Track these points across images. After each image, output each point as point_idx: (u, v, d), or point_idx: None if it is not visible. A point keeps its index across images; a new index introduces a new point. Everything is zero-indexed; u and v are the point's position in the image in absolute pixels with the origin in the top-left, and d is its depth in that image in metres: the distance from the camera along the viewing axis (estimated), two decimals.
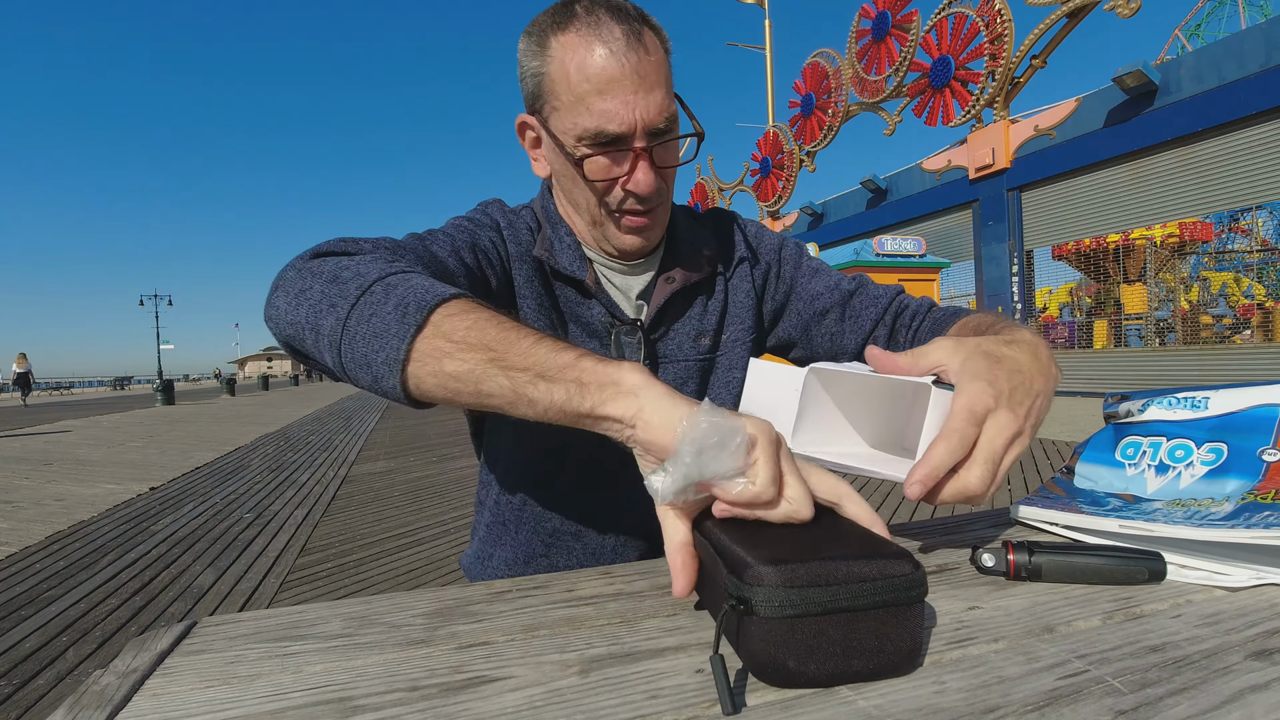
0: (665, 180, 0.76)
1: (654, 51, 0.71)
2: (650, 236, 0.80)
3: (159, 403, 18.79)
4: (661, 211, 0.79)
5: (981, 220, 12.02)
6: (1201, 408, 0.60)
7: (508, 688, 0.36)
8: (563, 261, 0.81)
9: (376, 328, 0.49)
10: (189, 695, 0.38)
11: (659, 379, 0.46)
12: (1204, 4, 26.29)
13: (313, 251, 0.58)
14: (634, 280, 0.86)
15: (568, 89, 0.70)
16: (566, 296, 0.83)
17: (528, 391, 0.46)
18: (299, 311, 0.53)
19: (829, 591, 0.35)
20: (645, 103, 0.69)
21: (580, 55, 0.69)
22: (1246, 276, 15.09)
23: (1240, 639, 0.38)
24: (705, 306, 0.88)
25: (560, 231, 0.84)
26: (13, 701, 2.05)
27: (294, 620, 0.49)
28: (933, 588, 0.49)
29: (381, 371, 0.49)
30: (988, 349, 0.54)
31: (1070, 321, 14.16)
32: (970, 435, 0.49)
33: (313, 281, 0.54)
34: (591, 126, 0.69)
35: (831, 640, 0.35)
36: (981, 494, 0.48)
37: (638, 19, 0.71)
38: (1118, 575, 0.47)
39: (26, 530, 4.26)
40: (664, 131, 0.72)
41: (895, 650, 0.35)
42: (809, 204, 16.64)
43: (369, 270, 0.53)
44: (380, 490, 5.36)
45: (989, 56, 10.82)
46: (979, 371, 0.51)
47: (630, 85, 0.69)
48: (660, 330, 0.85)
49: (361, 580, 3.13)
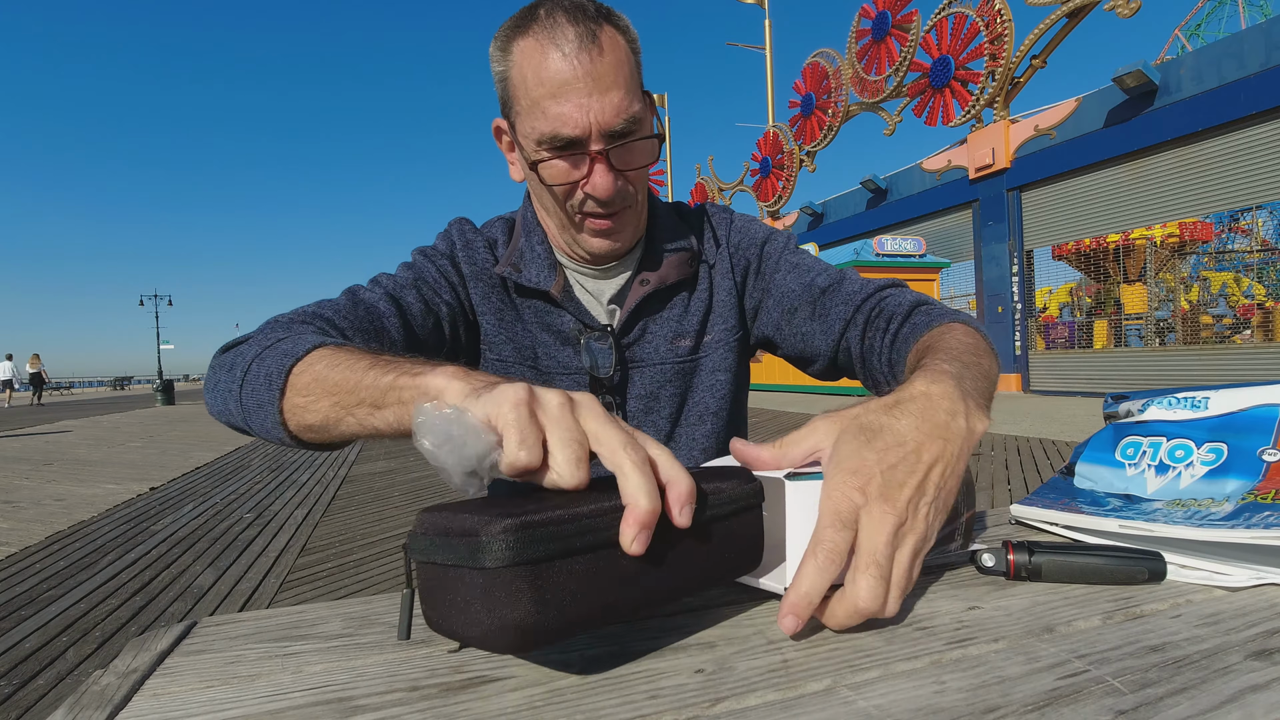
0: (630, 182, 0.75)
1: (612, 51, 0.69)
2: (619, 239, 0.79)
3: (159, 403, 18.80)
4: (630, 214, 0.78)
5: (981, 220, 12.02)
6: (1201, 408, 0.60)
7: (508, 688, 0.36)
8: (529, 273, 0.82)
9: (259, 399, 0.56)
10: (189, 695, 0.38)
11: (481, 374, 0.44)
12: (1204, 4, 26.30)
13: (221, 347, 0.66)
14: (606, 285, 0.85)
15: (525, 93, 0.70)
16: (536, 307, 0.83)
17: (371, 422, 0.49)
18: (216, 401, 0.63)
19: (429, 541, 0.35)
20: (600, 105, 0.68)
21: (536, 59, 0.68)
22: (1246, 276, 15.10)
23: (1240, 639, 0.38)
24: (686, 307, 0.86)
25: (534, 240, 0.84)
26: (13, 701, 2.05)
27: (294, 620, 0.49)
28: (933, 588, 0.49)
29: (276, 435, 0.56)
30: (866, 421, 0.46)
31: (1070, 321, 14.16)
32: (841, 543, 0.40)
33: (218, 374, 0.63)
34: (547, 130, 0.69)
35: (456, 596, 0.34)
36: (879, 608, 0.40)
37: (596, 18, 0.69)
38: (1118, 575, 0.47)
39: (26, 530, 4.26)
40: (623, 133, 0.70)
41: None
42: (809, 204, 16.64)
43: (249, 351, 0.60)
44: (380, 490, 5.36)
45: (989, 56, 10.82)
46: (845, 458, 0.43)
47: (584, 88, 0.67)
48: (634, 334, 0.84)
49: (361, 580, 3.13)
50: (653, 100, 0.77)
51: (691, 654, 0.40)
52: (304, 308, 0.71)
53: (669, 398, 0.85)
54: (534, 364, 0.84)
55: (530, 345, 0.84)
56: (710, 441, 0.87)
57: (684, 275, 0.85)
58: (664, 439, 0.85)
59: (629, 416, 0.85)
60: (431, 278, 0.80)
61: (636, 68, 0.72)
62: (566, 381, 0.83)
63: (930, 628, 0.42)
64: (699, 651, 0.40)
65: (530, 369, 0.84)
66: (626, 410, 0.85)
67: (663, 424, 0.85)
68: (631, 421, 0.85)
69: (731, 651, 0.40)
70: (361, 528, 4.15)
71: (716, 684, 0.36)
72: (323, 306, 0.71)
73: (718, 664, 0.38)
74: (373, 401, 0.48)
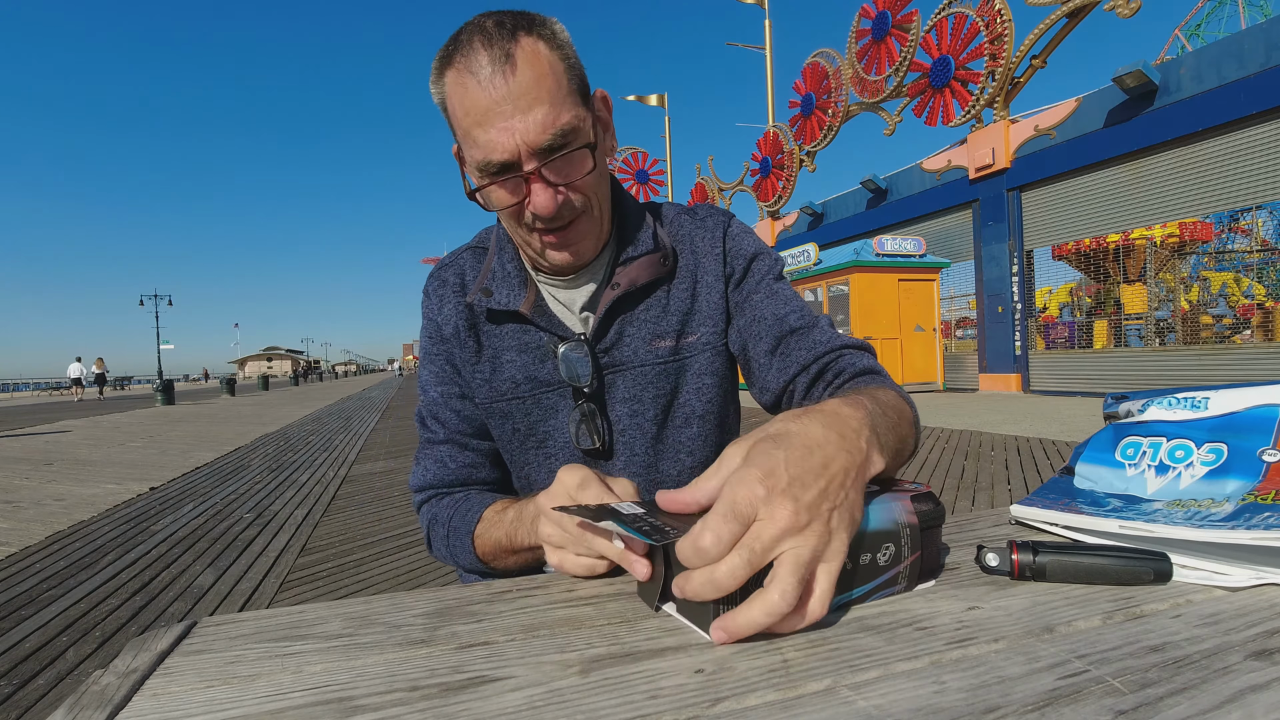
0: (577, 191, 0.73)
1: (529, 66, 0.67)
2: (577, 250, 0.78)
3: (159, 403, 18.79)
4: (584, 223, 0.77)
5: (981, 220, 12.02)
6: (1201, 408, 0.60)
7: (508, 688, 0.36)
8: (500, 295, 0.83)
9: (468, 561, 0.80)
10: (189, 695, 0.38)
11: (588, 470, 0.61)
12: (1204, 4, 26.30)
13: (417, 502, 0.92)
14: (577, 294, 0.84)
15: (458, 123, 0.70)
16: (509, 330, 0.84)
17: (522, 560, 0.73)
18: (443, 555, 0.85)
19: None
20: (525, 124, 0.67)
21: (459, 90, 0.68)
22: (1246, 276, 15.09)
23: (1240, 639, 0.38)
24: (665, 308, 0.84)
25: (504, 257, 0.85)
26: (13, 701, 2.05)
27: (294, 620, 0.49)
28: (934, 587, 0.49)
29: (479, 569, 0.80)
30: (775, 430, 0.46)
31: (1070, 321, 14.16)
32: (725, 534, 0.40)
33: (440, 550, 0.85)
34: (480, 158, 0.69)
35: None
36: (728, 586, 0.39)
37: (512, 34, 0.67)
38: (1122, 576, 0.47)
39: (27, 530, 4.26)
40: (553, 148, 0.69)
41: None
42: (809, 204, 16.64)
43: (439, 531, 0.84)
44: (380, 490, 5.36)
45: (989, 56, 10.82)
46: (754, 458, 0.43)
47: (505, 111, 0.66)
48: (610, 338, 0.83)
49: (361, 580, 3.13)
50: (599, 99, 0.76)
51: (691, 654, 0.40)
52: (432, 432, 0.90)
53: (652, 400, 0.84)
54: (515, 388, 0.84)
55: (510, 370, 0.84)
56: (697, 444, 0.86)
57: (656, 275, 0.83)
58: (650, 443, 0.84)
59: (614, 422, 0.84)
60: (448, 352, 0.88)
61: (566, 73, 0.70)
62: (551, 396, 0.84)
63: (930, 628, 0.42)
64: (699, 651, 0.40)
65: (513, 395, 0.85)
66: (610, 416, 0.84)
67: (648, 427, 0.84)
68: (617, 427, 0.84)
69: (731, 651, 0.40)
70: (361, 528, 4.14)
71: (716, 684, 0.36)
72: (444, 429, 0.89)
73: (718, 664, 0.38)
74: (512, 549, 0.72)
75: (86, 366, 28.32)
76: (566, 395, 0.83)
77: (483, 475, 0.89)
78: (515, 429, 0.85)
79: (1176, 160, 9.18)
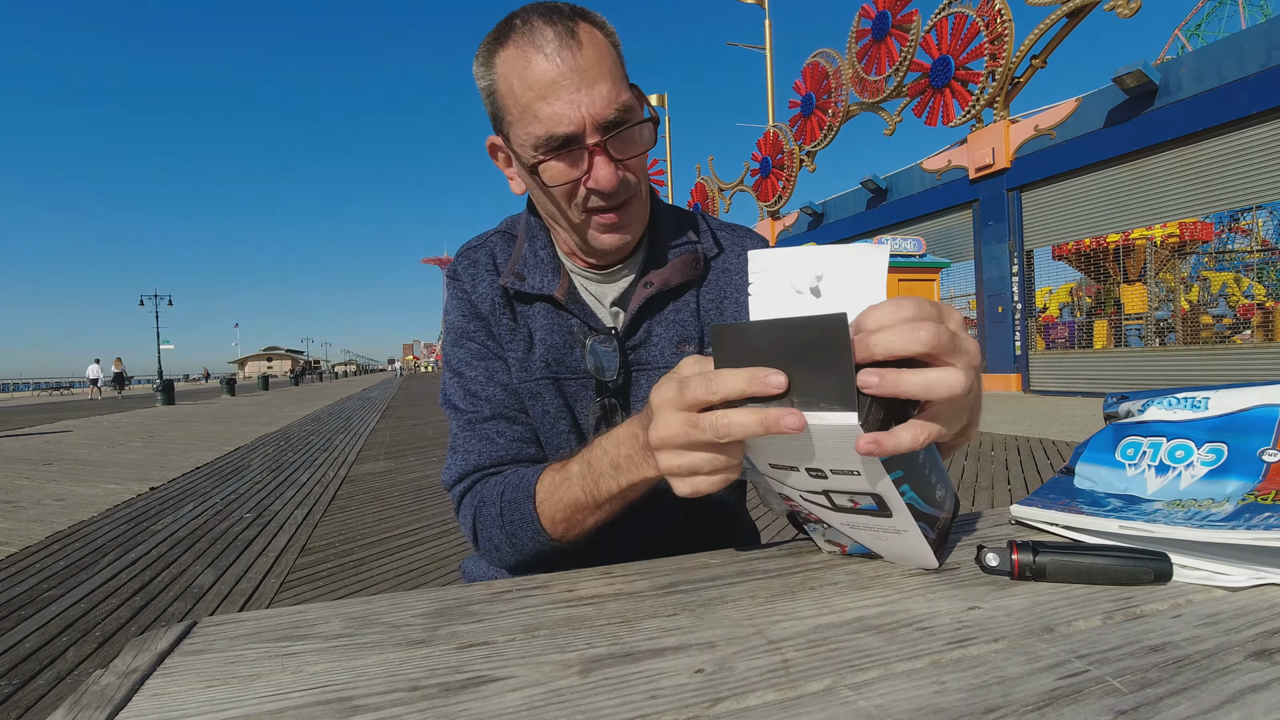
0: (631, 171, 0.75)
1: (592, 45, 0.69)
2: (628, 231, 0.79)
3: (159, 403, 18.79)
4: (635, 204, 0.78)
5: (981, 220, 12.02)
6: (1201, 408, 0.60)
7: (508, 688, 0.36)
8: (532, 280, 0.82)
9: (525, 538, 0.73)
10: (189, 695, 0.38)
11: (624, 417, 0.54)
12: (1204, 4, 26.31)
13: (454, 494, 0.82)
14: (609, 288, 0.85)
15: (515, 101, 0.70)
16: (541, 310, 0.84)
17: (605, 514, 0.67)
18: (497, 555, 0.78)
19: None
20: (590, 98, 0.68)
21: (520, 65, 0.69)
22: (1246, 276, 15.09)
23: (1240, 639, 0.38)
24: (693, 313, 0.85)
25: (536, 245, 0.85)
26: (13, 701, 2.05)
27: (294, 620, 0.49)
28: (934, 587, 0.49)
29: (539, 547, 0.73)
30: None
31: (1070, 321, 14.16)
32: (928, 314, 0.40)
33: (493, 536, 0.77)
34: (542, 133, 0.69)
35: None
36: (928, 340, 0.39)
37: (571, 16, 0.70)
38: (1123, 576, 0.47)
39: (26, 530, 4.25)
40: (617, 122, 0.71)
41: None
42: (809, 204, 16.64)
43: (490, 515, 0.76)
44: (380, 490, 5.35)
45: (989, 56, 10.82)
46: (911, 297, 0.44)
47: (572, 83, 0.68)
48: (639, 336, 0.83)
49: (361, 580, 3.13)
50: (639, 91, 0.77)
51: (691, 654, 0.40)
52: (475, 410, 0.83)
53: None
54: (545, 369, 0.84)
55: (540, 351, 0.84)
56: None
57: (689, 278, 0.84)
58: None
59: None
60: (480, 326, 0.85)
61: (619, 60, 0.73)
62: (573, 385, 0.84)
63: (930, 628, 0.42)
64: (699, 651, 0.40)
65: (543, 374, 0.84)
66: (631, 413, 0.84)
67: None
68: None
69: (731, 651, 0.40)
70: (361, 528, 4.14)
71: (716, 684, 0.36)
72: (490, 405, 0.83)
73: (718, 664, 0.38)
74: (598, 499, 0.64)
75: (105, 368, 29.36)
76: (588, 386, 0.83)
77: (532, 452, 0.84)
78: (545, 410, 0.85)
79: (1176, 160, 9.18)
